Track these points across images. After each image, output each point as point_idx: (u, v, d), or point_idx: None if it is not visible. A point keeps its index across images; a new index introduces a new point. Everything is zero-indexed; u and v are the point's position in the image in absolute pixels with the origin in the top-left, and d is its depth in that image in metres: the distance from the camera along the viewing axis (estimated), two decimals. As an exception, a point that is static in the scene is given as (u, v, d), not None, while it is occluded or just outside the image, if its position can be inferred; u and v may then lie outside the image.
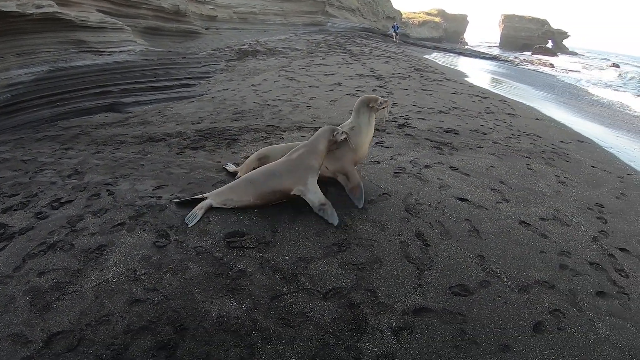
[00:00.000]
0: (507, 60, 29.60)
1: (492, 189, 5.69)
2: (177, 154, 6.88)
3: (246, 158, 6.55)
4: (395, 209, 4.92)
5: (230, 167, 5.86)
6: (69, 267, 3.79)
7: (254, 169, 5.14)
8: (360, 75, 13.75)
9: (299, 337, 3.14)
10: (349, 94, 11.14)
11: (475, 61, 27.80)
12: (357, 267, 3.96)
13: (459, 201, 5.21)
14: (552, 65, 30.66)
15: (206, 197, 4.67)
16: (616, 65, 33.37)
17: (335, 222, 4.45)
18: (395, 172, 6.05)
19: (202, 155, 6.70)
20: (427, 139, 7.50)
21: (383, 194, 5.22)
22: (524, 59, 32.92)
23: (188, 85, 14.28)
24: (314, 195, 4.54)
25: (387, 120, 8.45)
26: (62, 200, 5.05)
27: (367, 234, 4.47)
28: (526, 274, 4.02)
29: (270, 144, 7.26)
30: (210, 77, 15.43)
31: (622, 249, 4.79)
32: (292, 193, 4.52)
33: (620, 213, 5.73)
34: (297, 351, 3.03)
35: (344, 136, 4.82)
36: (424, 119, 8.85)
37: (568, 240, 4.73)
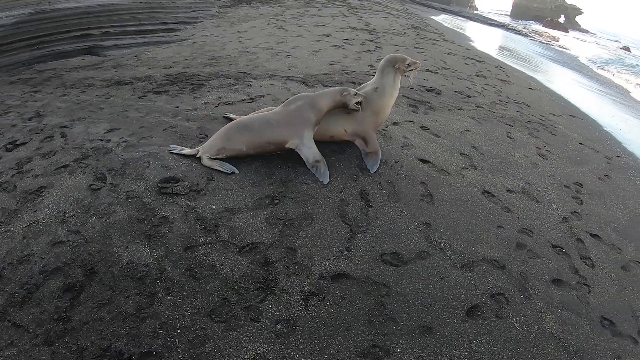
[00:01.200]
0: (515, 30, 28.26)
1: (461, 154, 5.10)
2: (139, 97, 6.54)
3: (206, 104, 6.17)
4: (346, 165, 4.36)
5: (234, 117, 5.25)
6: (7, 207, 3.73)
7: None
8: (353, 28, 12.82)
9: (201, 291, 2.91)
10: (335, 46, 10.34)
11: (483, 27, 26.56)
12: (285, 222, 3.55)
13: (420, 162, 4.64)
14: (560, 40, 29.41)
15: (198, 151, 4.29)
16: (627, 49, 32.07)
17: (326, 180, 4.04)
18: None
19: (162, 100, 6.33)
20: (405, 96, 6.83)
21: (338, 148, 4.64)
22: (533, 30, 31.53)
23: (173, 30, 13.57)
24: (309, 150, 4.10)
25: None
26: (17, 143, 4.95)
27: (306, 188, 3.96)
28: (475, 250, 3.49)
29: (236, 91, 6.67)
30: (199, 22, 14.58)
31: (593, 235, 4.26)
32: (286, 146, 4.09)
33: (599, 195, 5.18)
34: (194, 305, 2.81)
35: (359, 99, 4.28)
36: (407, 76, 8.13)
37: (533, 218, 4.19)
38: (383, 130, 5.35)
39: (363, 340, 2.65)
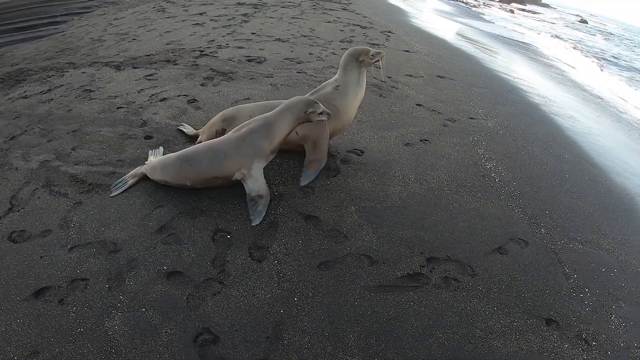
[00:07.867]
0: (463, 1, 26.94)
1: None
2: (-40, 104, 6.36)
3: (7, 100, 5.83)
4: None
5: (188, 129, 4.56)
6: None
7: (217, 133, 4.08)
8: (241, 4, 12.14)
9: None
10: (197, 24, 9.74)
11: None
12: None
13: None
14: (512, 12, 28.22)
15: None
16: (584, 21, 31.07)
17: (256, 222, 3.31)
18: (119, 107, 4.96)
19: (-22, 107, 6.17)
20: (211, 69, 6.30)
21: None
22: (484, 2, 30.34)
23: (57, 23, 13.05)
24: (254, 183, 3.45)
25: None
26: None
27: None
28: (104, 231, 3.03)
29: (45, 83, 6.33)
30: (90, 12, 14.00)
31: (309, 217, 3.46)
32: (233, 178, 3.47)
33: (385, 166, 4.25)
34: None
35: (323, 118, 3.59)
36: (240, 47, 7.56)
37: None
38: (139, 108, 4.83)
39: None
